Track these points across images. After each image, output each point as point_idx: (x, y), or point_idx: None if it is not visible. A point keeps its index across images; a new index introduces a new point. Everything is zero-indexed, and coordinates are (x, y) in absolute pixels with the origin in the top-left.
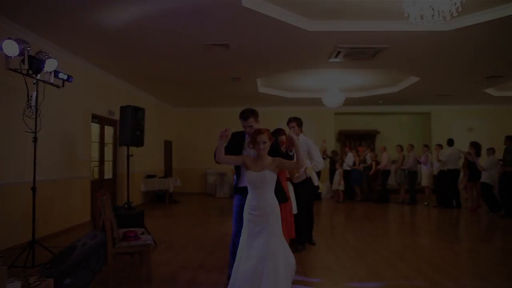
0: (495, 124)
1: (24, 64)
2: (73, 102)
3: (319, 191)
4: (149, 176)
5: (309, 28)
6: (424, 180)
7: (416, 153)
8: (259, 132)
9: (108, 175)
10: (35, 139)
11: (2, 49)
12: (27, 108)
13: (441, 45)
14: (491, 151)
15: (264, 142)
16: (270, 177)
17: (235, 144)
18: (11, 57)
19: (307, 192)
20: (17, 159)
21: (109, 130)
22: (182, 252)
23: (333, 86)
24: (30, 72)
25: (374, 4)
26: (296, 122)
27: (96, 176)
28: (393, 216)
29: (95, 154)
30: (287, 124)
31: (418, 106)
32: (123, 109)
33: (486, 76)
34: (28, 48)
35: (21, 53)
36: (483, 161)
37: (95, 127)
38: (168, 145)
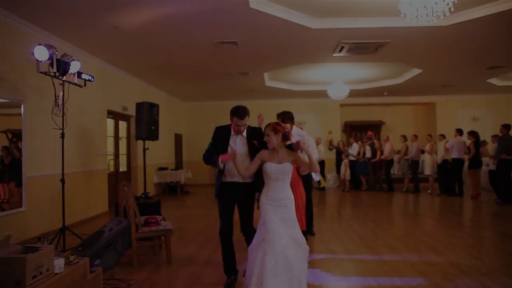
0: (499, 113)
1: (52, 67)
2: (91, 99)
3: (321, 185)
4: (161, 169)
5: (313, 26)
6: (427, 169)
7: (421, 143)
8: (267, 125)
9: (122, 168)
10: (62, 135)
11: (33, 55)
12: (55, 106)
13: (441, 39)
14: (496, 138)
15: (268, 135)
16: (290, 169)
17: (219, 140)
18: (41, 61)
19: (306, 184)
20: (47, 153)
21: (123, 125)
22: (196, 239)
23: (338, 78)
24: (58, 74)
25: (374, 2)
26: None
27: (112, 169)
28: (396, 204)
29: (110, 148)
30: (277, 118)
31: (422, 97)
32: (138, 105)
33: (487, 67)
34: (56, 53)
35: (50, 57)
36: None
37: (110, 123)
38: (178, 138)
